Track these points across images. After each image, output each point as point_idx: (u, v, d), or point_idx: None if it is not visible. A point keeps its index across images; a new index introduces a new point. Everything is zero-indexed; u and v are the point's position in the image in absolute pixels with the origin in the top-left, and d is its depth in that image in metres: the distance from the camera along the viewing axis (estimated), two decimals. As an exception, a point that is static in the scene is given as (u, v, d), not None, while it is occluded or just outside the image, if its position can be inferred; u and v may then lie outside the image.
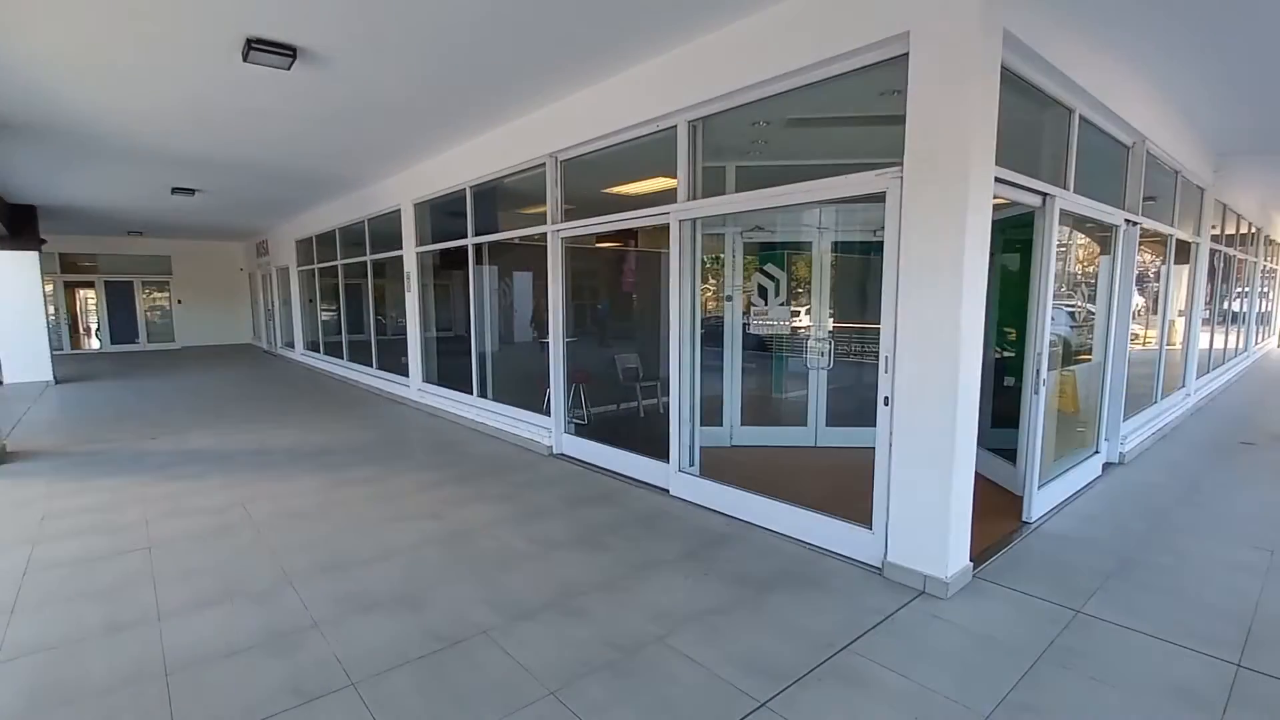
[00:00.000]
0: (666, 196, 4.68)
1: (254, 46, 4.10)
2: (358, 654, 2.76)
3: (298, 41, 4.13)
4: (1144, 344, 7.14)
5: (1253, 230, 11.41)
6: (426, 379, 8.75)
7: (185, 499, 4.87)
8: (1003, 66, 3.24)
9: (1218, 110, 5.64)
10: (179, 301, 18.58)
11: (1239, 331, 11.87)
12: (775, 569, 3.59)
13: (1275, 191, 10.33)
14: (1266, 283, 14.71)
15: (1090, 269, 5.95)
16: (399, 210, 8.68)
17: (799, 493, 4.26)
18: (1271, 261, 14.64)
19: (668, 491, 4.88)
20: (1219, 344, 10.10)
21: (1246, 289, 12.24)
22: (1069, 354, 5.57)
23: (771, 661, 2.69)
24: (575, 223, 5.67)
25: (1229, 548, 3.85)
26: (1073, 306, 6.04)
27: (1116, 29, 3.87)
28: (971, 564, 3.43)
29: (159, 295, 18.59)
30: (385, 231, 9.37)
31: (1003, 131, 3.15)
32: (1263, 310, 14.61)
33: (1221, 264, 9.43)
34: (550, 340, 6.11)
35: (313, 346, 13.74)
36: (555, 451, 6.10)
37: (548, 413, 6.24)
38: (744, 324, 6.42)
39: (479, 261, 7.32)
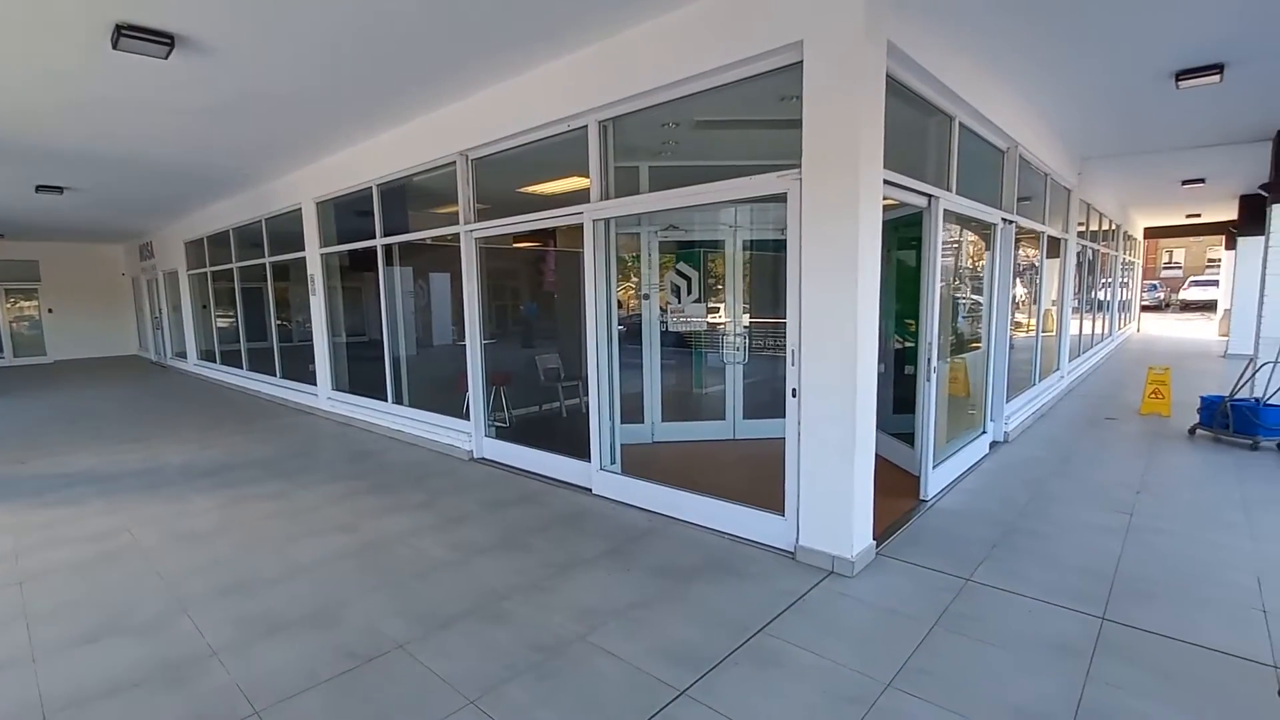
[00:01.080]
0: (580, 196, 4.70)
1: (124, 33, 3.77)
2: (262, 679, 2.61)
3: (175, 29, 3.84)
4: (1027, 331, 7.81)
5: (1113, 227, 12.72)
6: (337, 387, 8.34)
7: (62, 527, 4.44)
8: (889, 76, 3.47)
9: (1078, 116, 6.23)
10: (49, 310, 16.78)
11: (1104, 318, 13.20)
12: (696, 560, 3.68)
13: (1130, 191, 11.55)
14: (1126, 274, 16.44)
15: (980, 264, 6.44)
16: (300, 209, 8.23)
17: (718, 485, 4.39)
18: (1129, 255, 16.36)
19: (590, 490, 4.90)
20: (1088, 330, 11.19)
21: (1110, 280, 13.63)
22: (963, 342, 6.03)
23: (692, 649, 2.77)
24: (488, 223, 5.58)
25: (1095, 513, 4.29)
26: (965, 298, 6.53)
27: (989, 40, 4.21)
28: (875, 542, 3.66)
29: (26, 304, 16.71)
30: (286, 231, 8.85)
31: (893, 137, 3.37)
32: (1124, 299, 16.32)
33: (1088, 258, 10.45)
34: (467, 342, 5.99)
35: (207, 356, 12.79)
36: (476, 456, 5.99)
37: (468, 417, 6.11)
38: (662, 322, 6.53)
39: (390, 263, 7.06)
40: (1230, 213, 13.42)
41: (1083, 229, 9.42)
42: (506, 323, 8.46)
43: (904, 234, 5.27)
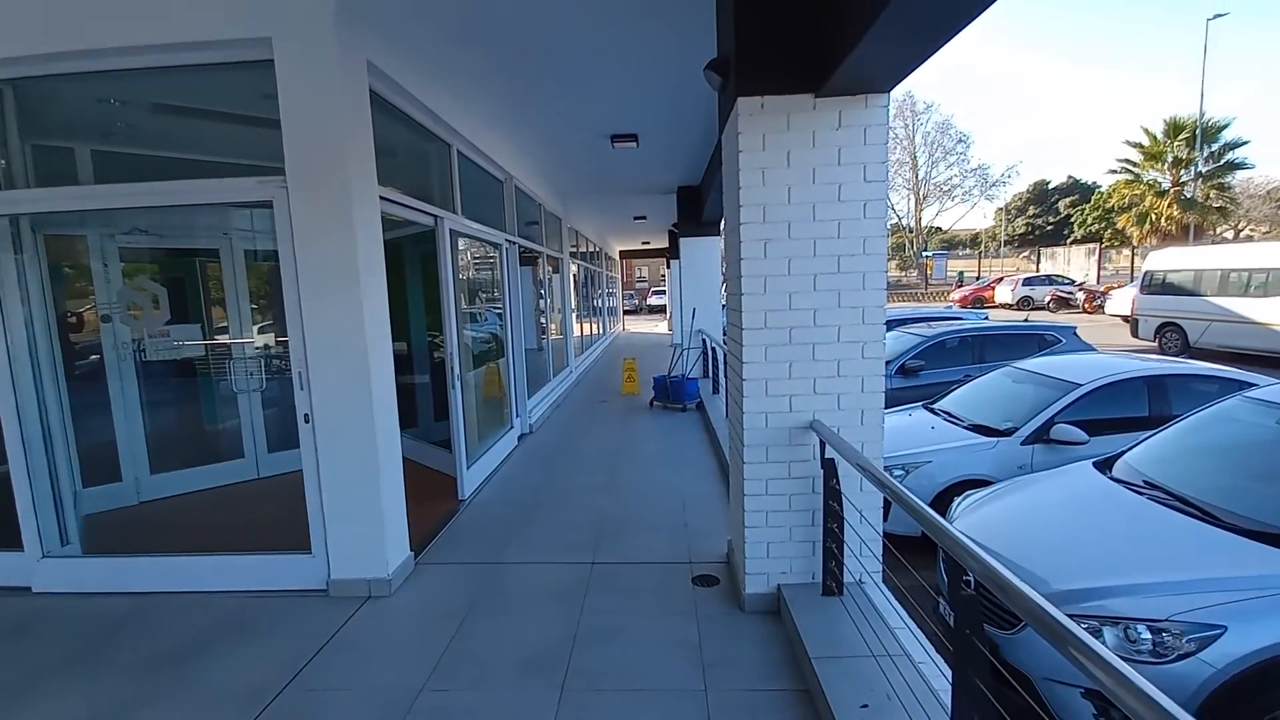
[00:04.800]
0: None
1: None
2: None
3: None
4: (550, 335, 9.18)
5: (597, 249, 16.04)
6: None
7: None
8: (382, 98, 3.56)
9: (554, 160, 7.56)
10: None
11: (599, 321, 16.58)
12: (202, 632, 3.08)
13: (603, 221, 14.68)
14: (612, 286, 20.97)
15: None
16: None
17: (236, 536, 3.79)
18: (612, 271, 20.91)
19: (31, 589, 3.55)
20: (589, 331, 13.84)
21: (601, 291, 17.17)
22: (502, 349, 6.65)
23: (191, 744, 2.32)
24: None
25: (591, 477, 5.36)
26: (501, 309, 7.20)
27: (472, 88, 4.70)
28: (413, 553, 3.73)
29: None
30: None
31: (398, 158, 3.45)
32: (611, 306, 20.82)
33: (584, 274, 12.92)
34: None
35: None
36: None
37: None
38: (140, 349, 5.19)
39: None
40: (667, 241, 18.50)
41: (575, 250, 11.56)
42: None
43: (428, 249, 5.50)
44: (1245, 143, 26.96)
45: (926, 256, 40.57)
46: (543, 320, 9.10)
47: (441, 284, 4.64)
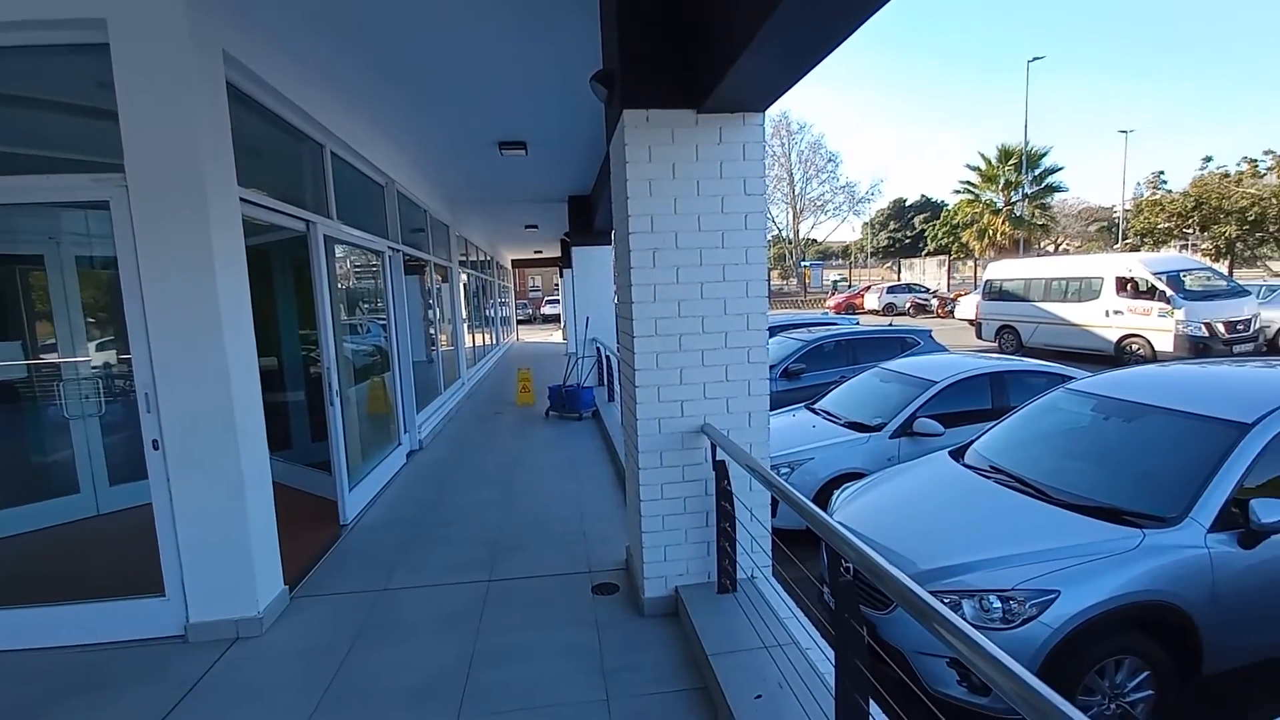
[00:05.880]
0: None
1: None
2: None
3: None
4: (440, 346, 8.79)
5: (488, 258, 15.65)
6: None
7: None
8: (240, 90, 3.28)
9: (438, 166, 7.33)
10: None
11: (492, 331, 16.15)
12: (34, 696, 2.67)
13: (493, 230, 14.39)
14: (504, 295, 20.53)
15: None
16: None
17: (73, 582, 3.31)
18: (504, 281, 20.49)
19: None
20: (481, 341, 13.45)
21: (493, 300, 16.75)
22: (387, 361, 6.27)
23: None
24: None
25: (485, 492, 5.20)
26: (385, 320, 6.80)
27: (349, 88, 4.47)
28: (288, 587, 3.43)
29: None
30: None
31: (265, 158, 3.16)
32: (504, 315, 20.37)
33: (475, 283, 12.55)
34: None
35: None
36: None
37: None
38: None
39: None
40: (559, 250, 18.41)
41: (465, 259, 11.20)
42: None
43: (302, 256, 5.10)
44: (1061, 168, 31.31)
45: (805, 266, 43.26)
46: (432, 331, 8.73)
47: (316, 293, 4.33)
